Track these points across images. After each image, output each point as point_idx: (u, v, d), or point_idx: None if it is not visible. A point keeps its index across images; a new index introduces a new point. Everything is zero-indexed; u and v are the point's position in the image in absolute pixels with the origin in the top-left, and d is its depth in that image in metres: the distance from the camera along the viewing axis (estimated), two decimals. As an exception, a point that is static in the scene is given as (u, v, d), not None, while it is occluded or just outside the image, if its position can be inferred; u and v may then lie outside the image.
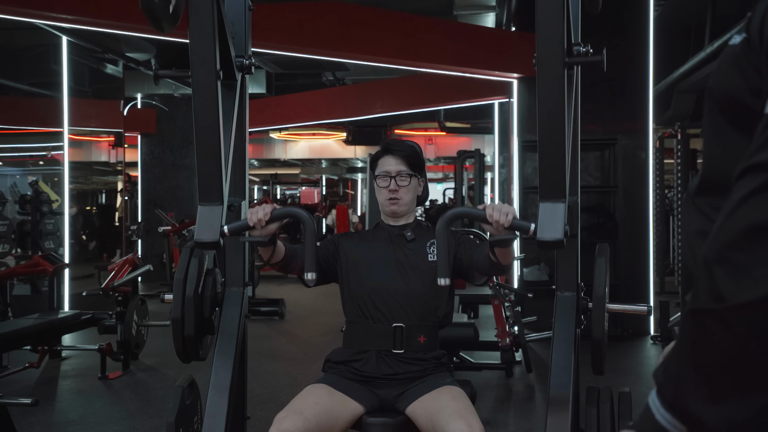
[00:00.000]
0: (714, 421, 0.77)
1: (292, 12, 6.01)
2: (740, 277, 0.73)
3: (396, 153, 2.35)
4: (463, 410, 2.02)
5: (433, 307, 2.27)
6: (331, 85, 11.82)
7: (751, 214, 0.74)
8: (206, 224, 2.01)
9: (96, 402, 4.37)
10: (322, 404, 2.07)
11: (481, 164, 9.73)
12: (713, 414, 0.77)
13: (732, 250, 0.75)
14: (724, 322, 0.75)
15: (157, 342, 5.55)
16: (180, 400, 2.20)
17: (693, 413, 0.79)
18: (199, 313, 2.22)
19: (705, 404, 0.77)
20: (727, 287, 0.74)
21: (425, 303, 2.26)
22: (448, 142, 16.41)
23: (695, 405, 0.78)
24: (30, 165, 9.33)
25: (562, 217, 1.83)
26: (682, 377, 0.80)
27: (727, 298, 0.74)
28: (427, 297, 2.26)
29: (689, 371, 0.79)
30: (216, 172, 2.01)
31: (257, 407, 3.96)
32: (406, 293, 2.25)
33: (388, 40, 6.60)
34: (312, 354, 5.73)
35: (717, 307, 0.75)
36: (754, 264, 0.73)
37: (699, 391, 0.78)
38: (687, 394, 0.79)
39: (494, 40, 7.52)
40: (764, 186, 0.74)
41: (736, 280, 0.74)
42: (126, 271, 5.30)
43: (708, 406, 0.77)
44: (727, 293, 0.74)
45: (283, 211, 2.06)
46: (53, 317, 5.01)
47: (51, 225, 6.98)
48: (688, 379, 0.79)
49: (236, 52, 2.29)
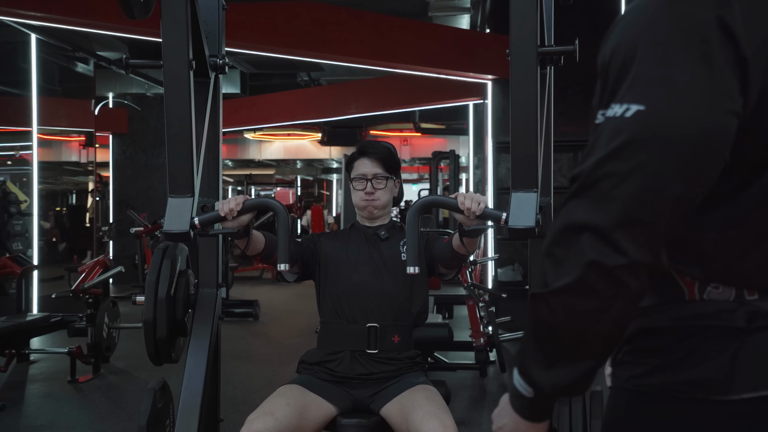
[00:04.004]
0: (544, 383, 0.95)
1: (267, 11, 5.99)
2: (557, 268, 0.90)
3: (372, 155, 2.36)
4: (438, 410, 2.04)
5: (407, 306, 2.28)
6: (306, 86, 11.81)
7: (566, 215, 0.90)
8: (176, 215, 1.96)
9: (65, 406, 4.32)
10: (293, 405, 2.07)
11: (456, 165, 9.78)
12: (544, 377, 0.95)
13: (554, 246, 0.91)
14: (547, 303, 0.92)
15: (128, 344, 5.50)
16: (152, 403, 2.18)
17: (532, 377, 0.96)
18: (172, 315, 2.21)
19: (538, 368, 0.95)
20: (549, 275, 0.91)
21: (399, 302, 2.27)
22: (423, 143, 16.44)
23: (533, 370, 0.96)
24: (-3, 165, 9.19)
25: (533, 206, 1.84)
26: (526, 348, 0.98)
27: (548, 284, 0.91)
28: (401, 296, 2.27)
29: (530, 343, 0.97)
30: (187, 164, 1.98)
31: (231, 410, 3.94)
32: (381, 292, 2.25)
33: (362, 41, 6.61)
34: (286, 355, 5.71)
35: (543, 291, 0.92)
36: (566, 257, 0.89)
37: (536, 358, 0.96)
38: (528, 361, 0.97)
39: (469, 41, 7.57)
40: (575, 193, 0.90)
41: (554, 269, 0.90)
42: (97, 272, 5.25)
43: (541, 370, 0.95)
44: (549, 280, 0.91)
45: (255, 202, 2.04)
46: (21, 320, 4.96)
47: (19, 226, 6.89)
48: (529, 349, 0.97)
49: (210, 51, 2.29)
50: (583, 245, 0.87)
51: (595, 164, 0.88)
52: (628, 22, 0.93)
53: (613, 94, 0.91)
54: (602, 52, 0.95)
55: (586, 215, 0.88)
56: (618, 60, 0.91)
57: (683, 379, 0.94)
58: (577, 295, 0.89)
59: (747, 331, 0.92)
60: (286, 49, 6.42)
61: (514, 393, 1.02)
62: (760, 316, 0.93)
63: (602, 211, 0.87)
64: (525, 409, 1.01)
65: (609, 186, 0.87)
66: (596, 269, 0.87)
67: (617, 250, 0.86)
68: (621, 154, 0.87)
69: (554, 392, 0.96)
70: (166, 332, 2.17)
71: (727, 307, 0.94)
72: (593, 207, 0.88)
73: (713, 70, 0.86)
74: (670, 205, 0.87)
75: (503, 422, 1.06)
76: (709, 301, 0.96)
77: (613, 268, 0.86)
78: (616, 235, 0.86)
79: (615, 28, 0.95)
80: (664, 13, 0.90)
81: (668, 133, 0.86)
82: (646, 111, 0.86)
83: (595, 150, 0.90)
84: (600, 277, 0.87)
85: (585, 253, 0.87)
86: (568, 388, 0.96)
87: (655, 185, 0.86)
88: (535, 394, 0.98)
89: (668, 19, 0.89)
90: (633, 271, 0.87)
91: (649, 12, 0.91)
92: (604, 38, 0.97)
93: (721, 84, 0.86)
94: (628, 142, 0.87)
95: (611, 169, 0.87)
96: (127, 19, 1.86)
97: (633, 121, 0.87)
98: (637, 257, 0.86)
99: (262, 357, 5.76)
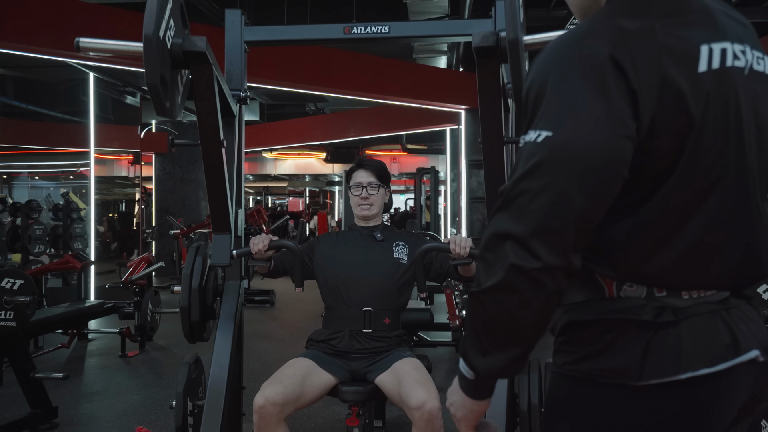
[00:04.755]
0: (481, 367, 0.94)
1: (281, 53, 5.98)
2: (488, 270, 0.89)
3: (367, 168, 2.37)
4: (422, 379, 2.03)
5: (396, 294, 2.28)
6: (313, 114, 11.79)
7: (494, 226, 0.89)
8: (219, 250, 2.10)
9: (117, 376, 4.29)
10: (299, 374, 2.07)
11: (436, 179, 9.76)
12: (481, 362, 0.94)
13: (485, 251, 0.90)
14: (480, 300, 0.90)
15: (168, 326, 5.47)
16: (187, 374, 2.17)
17: (472, 362, 0.95)
18: (203, 302, 2.20)
19: (477, 356, 0.94)
20: (482, 276, 0.90)
21: (389, 292, 2.26)
22: (409, 161, 16.44)
23: (472, 356, 0.95)
24: (62, 179, 9.15)
25: None
26: (467, 339, 0.95)
27: (482, 283, 0.89)
28: (391, 286, 2.27)
29: (470, 334, 0.94)
30: (224, 210, 2.05)
31: (251, 379, 3.92)
32: (374, 282, 2.25)
33: (359, 78, 6.61)
34: (297, 335, 5.69)
35: (478, 290, 0.90)
36: (494, 261, 0.88)
37: (474, 347, 0.94)
38: (468, 349, 0.95)
39: (446, 78, 7.58)
40: (500, 206, 0.89)
41: (486, 272, 0.89)
42: (142, 267, 5.23)
43: (479, 357, 0.94)
44: (482, 281, 0.89)
45: (277, 243, 2.22)
46: (81, 306, 4.93)
47: (79, 229, 6.84)
48: (469, 339, 0.95)
49: (234, 86, 2.28)
50: (507, 251, 0.86)
51: (515, 182, 0.87)
52: (542, 61, 0.91)
53: (530, 122, 0.90)
54: (524, 87, 0.94)
55: (508, 225, 0.86)
56: (533, 93, 0.90)
57: (604, 366, 0.92)
58: (504, 293, 0.87)
59: (655, 326, 0.91)
60: (297, 84, 6.41)
61: (460, 375, 1.00)
62: (667, 312, 0.92)
63: (520, 222, 0.85)
64: (469, 389, 0.99)
65: (525, 201, 0.86)
66: (517, 271, 0.85)
67: (533, 255, 0.85)
68: (533, 174, 0.86)
69: (490, 375, 0.95)
70: (199, 316, 2.16)
71: (638, 303, 0.93)
72: (514, 219, 0.86)
73: (609, 100, 0.85)
74: (576, 216, 0.85)
75: (454, 399, 1.04)
76: (625, 298, 0.94)
77: (530, 270, 0.85)
78: (531, 242, 0.84)
79: (533, 66, 0.93)
80: (567, 53, 0.89)
81: (571, 155, 0.85)
82: (553, 137, 0.85)
83: (517, 170, 0.89)
84: (521, 278, 0.85)
85: (508, 257, 0.86)
86: (501, 371, 0.94)
87: (561, 200, 0.84)
88: (475, 376, 0.96)
89: (571, 57, 0.88)
90: (547, 273, 0.85)
91: (558, 52, 0.90)
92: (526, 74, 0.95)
93: (615, 112, 0.85)
94: (539, 164, 0.85)
95: (526, 186, 0.86)
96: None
97: (543, 146, 0.86)
98: (550, 261, 0.85)
99: (277, 336, 5.74)
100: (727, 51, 0.92)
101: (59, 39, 4.76)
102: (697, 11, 0.93)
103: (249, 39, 2.31)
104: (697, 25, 0.91)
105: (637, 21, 0.88)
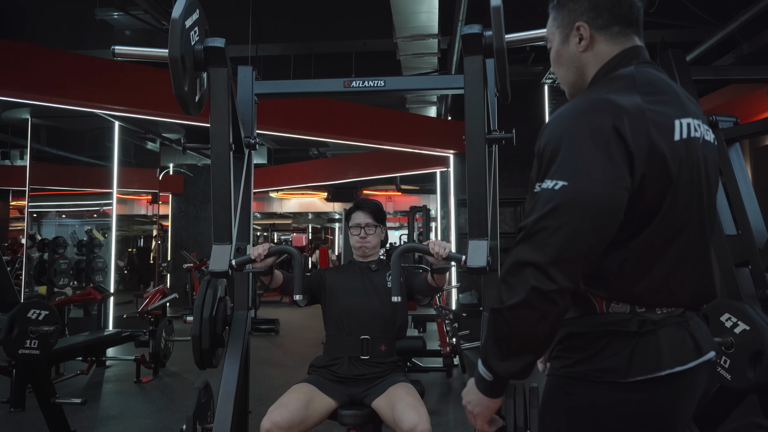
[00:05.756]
0: (501, 370, 1.04)
1: (287, 104, 6.06)
2: (510, 290, 0.99)
3: (365, 209, 2.37)
4: (415, 403, 2.00)
5: (392, 323, 2.26)
6: (316, 158, 11.88)
7: (516, 255, 1.00)
8: (218, 258, 1.96)
9: (132, 401, 4.20)
10: (302, 399, 2.03)
11: (427, 216, 9.78)
12: (500, 366, 1.04)
13: (507, 275, 1.00)
14: (503, 315, 1.00)
15: (180, 353, 5.39)
16: (197, 399, 2.13)
17: (492, 366, 1.05)
18: (213, 331, 2.17)
19: (496, 360, 1.04)
20: (504, 295, 1.00)
21: (385, 320, 2.24)
22: (403, 200, 16.48)
23: (492, 361, 1.05)
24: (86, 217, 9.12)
25: (485, 251, 1.84)
26: (487, 346, 1.05)
27: (504, 301, 1.00)
28: (387, 315, 2.25)
29: (490, 342, 1.04)
30: (227, 219, 1.98)
31: (257, 403, 3.85)
32: (371, 312, 2.23)
33: (358, 126, 6.69)
34: (300, 361, 5.61)
35: (500, 307, 1.00)
36: (516, 283, 0.98)
37: (494, 353, 1.04)
38: (488, 354, 1.05)
39: (436, 126, 7.67)
40: (520, 239, 1.00)
41: (508, 292, 0.99)
42: (157, 298, 5.17)
43: (499, 361, 1.04)
44: (504, 299, 1.00)
45: (277, 248, 2.05)
46: (100, 334, 4.86)
47: (101, 263, 6.80)
48: (489, 346, 1.04)
49: (245, 133, 2.30)
50: (527, 276, 0.97)
51: (535, 221, 0.98)
52: (556, 125, 1.05)
53: (546, 172, 1.02)
54: (538, 144, 1.07)
55: (530, 255, 0.97)
56: (549, 150, 1.03)
57: (596, 368, 1.04)
58: (525, 309, 0.97)
59: (639, 334, 1.04)
60: (302, 132, 6.47)
61: (478, 378, 1.10)
62: (648, 323, 1.05)
63: (541, 252, 0.96)
64: (487, 389, 1.09)
65: (545, 236, 0.97)
66: (537, 292, 0.96)
67: (551, 279, 0.96)
68: (552, 215, 0.97)
69: (508, 376, 1.05)
70: (209, 344, 2.13)
71: (624, 317, 1.05)
72: (534, 250, 0.97)
73: (612, 160, 0.98)
74: (587, 249, 0.97)
75: (470, 398, 1.13)
76: (613, 313, 1.06)
77: (548, 291, 0.96)
78: (550, 269, 0.96)
79: (547, 128, 1.06)
80: (578, 122, 1.02)
81: (584, 201, 0.97)
82: (569, 186, 0.98)
83: (535, 210, 1.00)
84: (540, 297, 0.96)
85: (529, 281, 0.96)
86: (518, 373, 1.03)
87: (575, 236, 0.96)
88: (493, 378, 1.06)
89: (582, 125, 1.01)
90: (561, 294, 0.97)
91: (568, 121, 1.03)
92: (539, 134, 1.09)
93: (617, 169, 0.99)
94: (557, 207, 0.97)
95: (546, 224, 0.97)
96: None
97: (560, 193, 0.98)
98: (564, 284, 0.96)
99: (281, 362, 5.65)
100: (691, 125, 1.08)
101: (89, 93, 4.82)
102: (667, 92, 1.10)
103: (259, 92, 2.34)
104: (670, 104, 1.08)
105: (628, 99, 1.03)
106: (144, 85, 5.02)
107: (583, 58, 1.15)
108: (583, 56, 1.15)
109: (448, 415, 3.87)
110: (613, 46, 1.13)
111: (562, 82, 1.22)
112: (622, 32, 1.13)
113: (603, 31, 1.13)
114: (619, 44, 1.13)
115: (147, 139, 9.27)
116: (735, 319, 2.42)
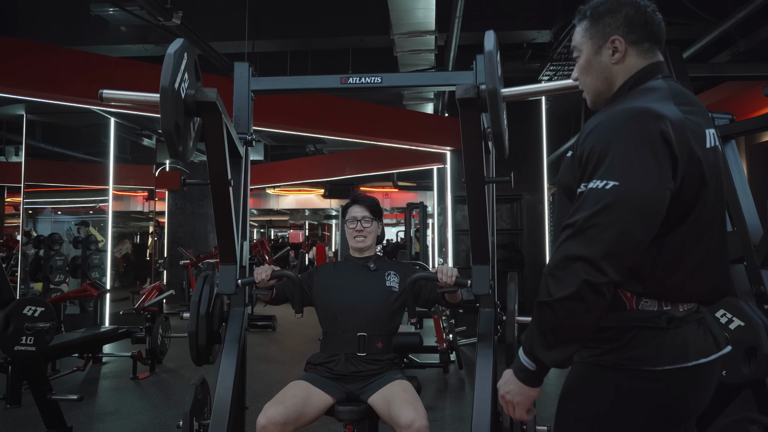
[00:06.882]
0: (547, 359, 1.09)
1: (284, 100, 6.05)
2: (558, 284, 1.05)
3: (361, 203, 2.37)
4: (412, 399, 2.00)
5: (388, 320, 2.26)
6: (313, 154, 11.86)
7: (564, 251, 1.05)
8: (226, 280, 2.05)
9: (128, 397, 4.20)
10: (299, 395, 2.03)
11: (424, 213, 9.78)
12: (546, 356, 1.09)
13: (555, 269, 1.06)
14: (552, 307, 1.05)
15: (177, 350, 5.39)
16: (194, 395, 2.13)
17: (537, 356, 1.10)
18: (210, 327, 2.17)
19: (542, 350, 1.09)
20: (552, 289, 1.05)
21: (382, 318, 2.24)
22: (399, 197, 16.49)
23: (538, 351, 1.10)
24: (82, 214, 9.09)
25: (487, 275, 1.92)
26: (532, 336, 1.10)
27: (552, 294, 1.05)
28: (383, 313, 2.25)
29: (535, 333, 1.10)
30: (231, 243, 2.02)
31: (254, 399, 3.85)
32: (368, 309, 2.23)
33: (354, 122, 6.68)
34: (296, 358, 5.61)
35: (548, 299, 1.06)
36: (564, 276, 1.04)
37: (540, 343, 1.09)
38: (534, 345, 1.10)
39: (432, 122, 7.67)
40: (570, 236, 1.06)
41: (556, 285, 1.05)
42: (154, 295, 5.17)
43: (544, 351, 1.09)
44: (552, 292, 1.05)
45: (279, 273, 2.18)
46: (96, 331, 4.86)
47: (97, 259, 6.78)
48: (535, 337, 1.10)
49: (241, 130, 2.29)
50: (578, 269, 1.03)
51: (586, 218, 1.04)
52: (602, 130, 1.11)
53: (593, 173, 1.08)
54: (581, 149, 1.13)
55: (580, 250, 1.03)
56: (596, 153, 1.09)
57: (626, 356, 1.11)
58: (574, 301, 1.03)
59: (665, 329, 1.12)
60: (298, 128, 6.46)
61: (519, 368, 1.14)
62: (674, 320, 1.13)
63: (592, 248, 1.02)
64: (528, 378, 1.14)
65: (596, 232, 1.03)
66: (588, 285, 1.02)
67: (602, 272, 1.02)
68: (603, 212, 1.03)
69: (552, 365, 1.09)
70: (206, 340, 2.13)
71: (654, 314, 1.13)
72: (586, 245, 1.03)
73: (659, 162, 1.06)
74: (634, 244, 1.04)
75: (509, 388, 1.17)
76: (642, 310, 1.14)
77: (599, 284, 1.02)
78: (601, 263, 1.02)
79: (591, 133, 1.13)
80: (627, 127, 1.09)
81: (634, 200, 1.04)
82: (619, 186, 1.04)
83: (584, 208, 1.06)
84: (590, 289, 1.02)
85: (579, 274, 1.02)
86: (562, 362, 1.09)
87: (625, 232, 1.03)
88: (537, 367, 1.11)
89: (630, 130, 1.08)
90: (608, 286, 1.03)
91: (617, 125, 1.10)
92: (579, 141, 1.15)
93: (663, 170, 1.06)
94: (608, 205, 1.04)
95: (597, 221, 1.03)
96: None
97: (611, 192, 1.04)
98: (613, 277, 1.03)
99: (278, 359, 5.65)
100: (714, 134, 1.20)
101: (84, 89, 4.80)
102: (695, 103, 1.20)
103: (255, 88, 2.34)
104: (700, 114, 1.18)
105: (668, 108, 1.12)
106: (140, 81, 5.00)
107: (614, 69, 1.24)
108: (614, 68, 1.24)
109: (445, 411, 3.88)
110: (642, 60, 1.23)
111: (587, 89, 1.29)
112: (651, 48, 1.24)
113: (635, 45, 1.23)
114: (647, 59, 1.24)
115: (143, 136, 9.24)
116: (730, 315, 2.43)
